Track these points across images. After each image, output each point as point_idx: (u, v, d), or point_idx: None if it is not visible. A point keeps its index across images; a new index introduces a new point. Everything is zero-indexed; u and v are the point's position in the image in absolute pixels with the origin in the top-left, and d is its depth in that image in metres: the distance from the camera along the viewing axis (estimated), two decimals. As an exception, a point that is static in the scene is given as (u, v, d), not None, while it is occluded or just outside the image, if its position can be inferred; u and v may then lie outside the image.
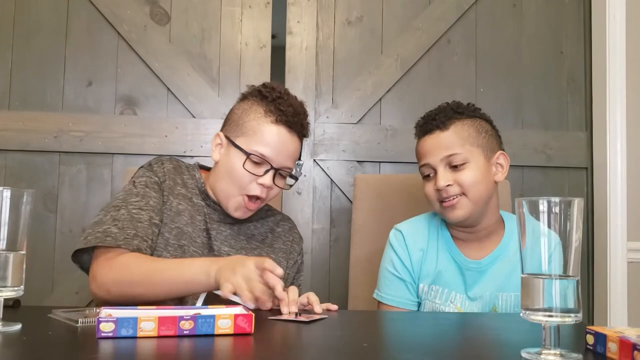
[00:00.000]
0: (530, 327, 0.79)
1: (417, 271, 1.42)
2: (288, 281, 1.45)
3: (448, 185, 1.33)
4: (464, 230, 1.41)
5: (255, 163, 1.31)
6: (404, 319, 1.24)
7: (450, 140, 1.35)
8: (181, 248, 1.30)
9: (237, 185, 1.32)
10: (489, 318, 1.25)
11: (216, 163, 1.38)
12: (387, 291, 1.44)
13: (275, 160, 1.32)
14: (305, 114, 1.38)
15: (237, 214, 1.35)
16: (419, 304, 1.43)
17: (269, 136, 1.32)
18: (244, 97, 1.41)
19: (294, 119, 1.34)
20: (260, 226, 1.46)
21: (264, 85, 1.39)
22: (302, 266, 1.52)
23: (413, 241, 1.43)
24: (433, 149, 1.36)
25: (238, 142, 1.33)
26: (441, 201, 1.36)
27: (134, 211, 1.26)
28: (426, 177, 1.40)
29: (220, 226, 1.39)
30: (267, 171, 1.32)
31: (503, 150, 1.43)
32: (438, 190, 1.35)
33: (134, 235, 1.22)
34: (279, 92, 1.36)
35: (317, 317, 1.06)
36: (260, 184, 1.31)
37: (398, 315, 1.34)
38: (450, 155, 1.34)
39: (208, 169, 1.46)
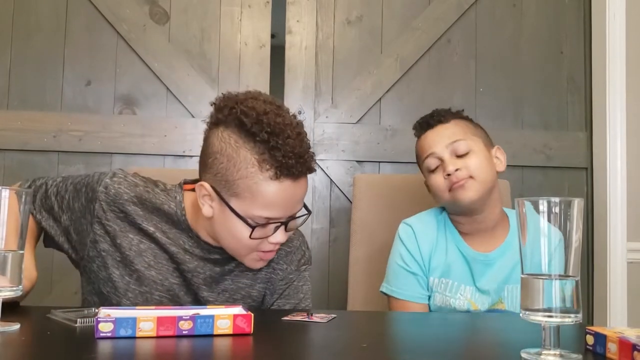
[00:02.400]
0: (530, 327, 0.79)
1: (427, 264, 1.44)
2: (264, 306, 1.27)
3: (457, 170, 1.36)
4: (468, 223, 1.43)
5: (262, 225, 1.09)
6: (403, 320, 1.24)
7: (453, 130, 1.40)
8: (142, 295, 1.16)
9: (246, 248, 1.12)
10: (488, 318, 1.25)
11: (210, 217, 1.13)
12: (398, 285, 1.44)
13: (284, 216, 1.10)
14: (308, 147, 1.08)
15: (256, 267, 1.18)
16: (429, 297, 1.45)
17: (271, 197, 1.06)
18: (217, 123, 1.11)
19: (299, 166, 1.06)
20: None
21: (243, 111, 1.06)
22: (290, 291, 1.26)
23: (423, 234, 1.45)
24: (438, 138, 1.40)
25: (233, 204, 1.08)
26: (450, 188, 1.37)
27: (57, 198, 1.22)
28: (432, 172, 1.42)
29: (198, 267, 1.18)
30: (277, 228, 1.10)
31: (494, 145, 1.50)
32: (448, 176, 1.37)
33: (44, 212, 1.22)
34: (268, 126, 1.04)
35: (330, 317, 1.05)
36: (273, 243, 1.12)
37: (397, 315, 1.34)
38: (455, 142, 1.38)
39: (194, 182, 1.21)
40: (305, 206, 1.15)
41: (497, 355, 0.86)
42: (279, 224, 1.10)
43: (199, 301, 1.20)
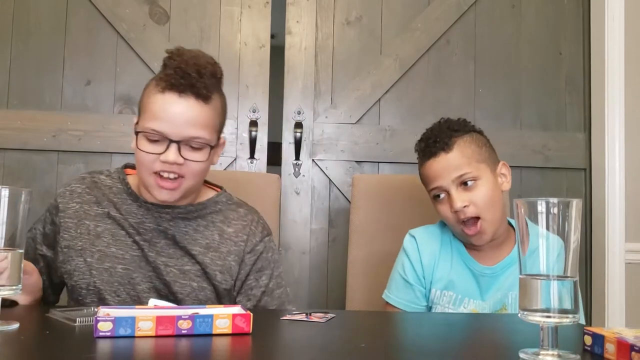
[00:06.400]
0: (529, 327, 0.80)
1: (430, 275, 1.42)
2: (239, 284, 1.30)
3: (465, 207, 1.33)
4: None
5: (153, 140, 1.18)
6: (402, 320, 1.24)
7: (458, 161, 1.35)
8: (107, 271, 1.24)
9: (143, 167, 1.20)
10: (487, 319, 1.25)
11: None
12: (396, 293, 1.45)
13: (172, 133, 1.17)
14: (199, 71, 1.18)
15: (161, 196, 1.22)
16: (430, 308, 1.44)
17: (157, 107, 1.17)
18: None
19: (183, 80, 1.16)
20: (205, 229, 1.29)
21: (167, 54, 1.23)
22: (262, 263, 1.31)
23: (426, 246, 1.45)
24: (442, 171, 1.36)
25: (139, 125, 1.22)
26: (460, 221, 1.35)
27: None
28: (436, 198, 1.39)
29: (154, 237, 1.26)
30: (168, 146, 1.17)
31: (499, 159, 1.45)
32: (455, 212, 1.35)
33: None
34: (177, 56, 1.20)
35: (329, 317, 1.06)
36: (163, 162, 1.17)
37: (396, 315, 1.34)
38: (462, 175, 1.35)
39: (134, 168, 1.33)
40: (210, 142, 1.21)
41: (496, 355, 0.86)
42: (168, 141, 1.17)
43: (159, 268, 1.25)
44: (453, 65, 2.23)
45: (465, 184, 1.35)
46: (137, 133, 1.20)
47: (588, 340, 0.82)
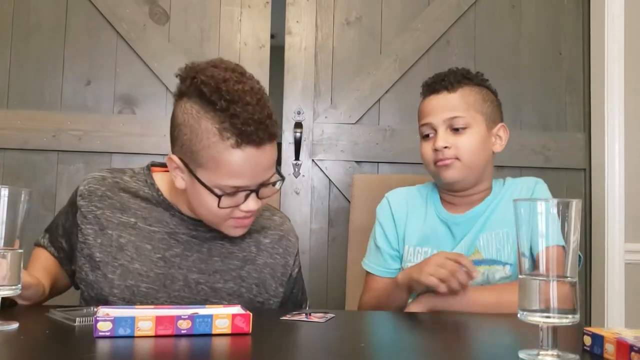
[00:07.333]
0: (528, 328, 0.80)
1: (402, 231, 1.43)
2: (283, 299, 1.28)
3: (445, 147, 1.34)
4: (454, 195, 1.42)
5: (231, 194, 1.08)
6: (401, 320, 1.24)
7: (456, 103, 1.36)
8: (129, 289, 1.13)
9: (218, 217, 1.12)
10: (486, 319, 1.25)
11: (183, 189, 1.14)
12: (369, 259, 1.48)
13: (252, 184, 1.09)
14: (269, 114, 1.07)
15: (236, 233, 1.16)
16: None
17: (236, 166, 1.05)
18: (181, 95, 1.12)
19: (260, 133, 1.04)
20: (241, 240, 1.22)
21: (202, 81, 1.06)
22: (299, 275, 1.33)
23: (397, 204, 1.46)
24: (437, 108, 1.37)
25: (200, 175, 1.07)
26: (436, 162, 1.36)
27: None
28: (425, 137, 1.40)
29: (187, 250, 1.17)
30: (247, 196, 1.09)
31: (502, 121, 1.45)
32: (435, 151, 1.36)
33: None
34: (227, 94, 1.04)
35: (329, 317, 1.06)
36: (245, 211, 1.11)
37: (396, 315, 1.34)
38: (454, 118, 1.35)
39: (162, 165, 1.27)
40: (278, 172, 1.14)
41: (495, 356, 0.86)
42: (249, 192, 1.09)
43: (189, 286, 1.16)
44: (453, 66, 2.21)
45: (456, 130, 1.35)
46: (217, 195, 1.07)
47: (587, 340, 0.82)
